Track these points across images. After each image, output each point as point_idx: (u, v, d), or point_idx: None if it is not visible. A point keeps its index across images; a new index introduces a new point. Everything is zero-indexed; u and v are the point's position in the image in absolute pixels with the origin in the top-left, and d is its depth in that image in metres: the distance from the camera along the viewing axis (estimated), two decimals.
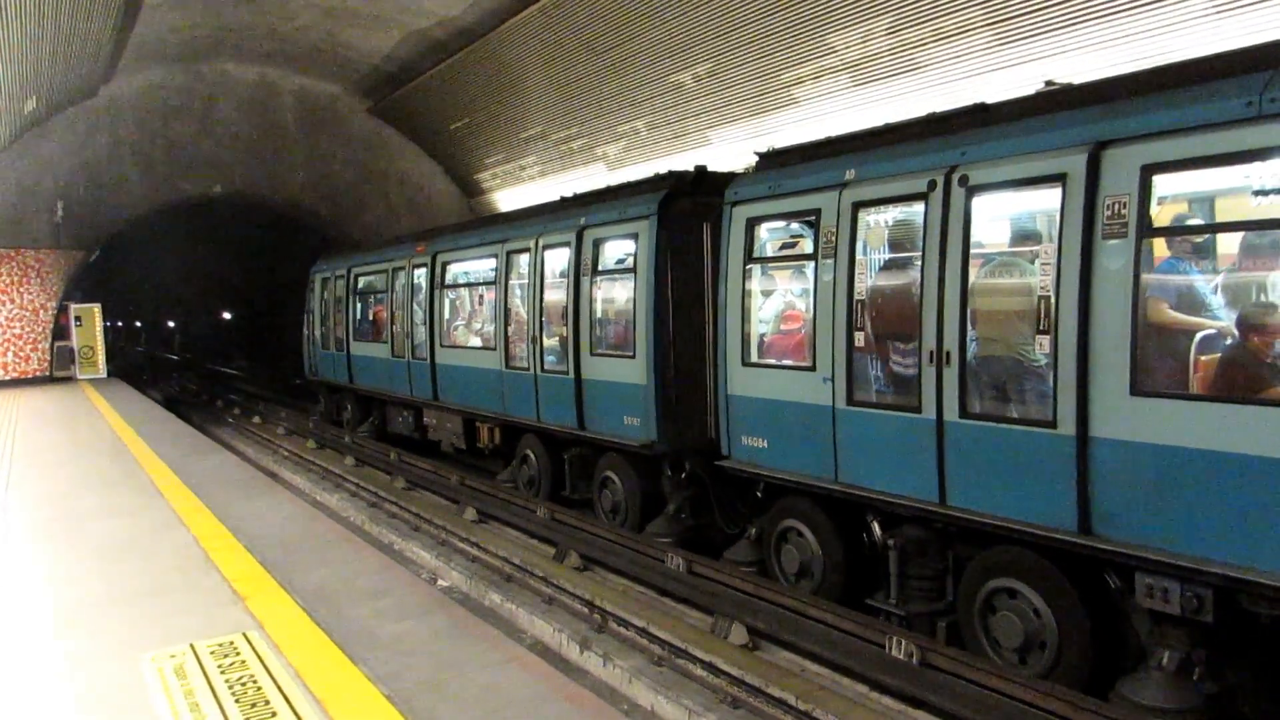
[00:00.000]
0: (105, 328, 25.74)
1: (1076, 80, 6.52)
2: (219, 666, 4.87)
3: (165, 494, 9.54)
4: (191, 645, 5.17)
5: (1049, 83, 6.57)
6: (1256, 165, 4.81)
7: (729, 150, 14.99)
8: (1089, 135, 5.38)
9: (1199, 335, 5.17)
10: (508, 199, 22.92)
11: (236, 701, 4.44)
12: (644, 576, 8.06)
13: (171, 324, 60.32)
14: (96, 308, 24.45)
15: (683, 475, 9.26)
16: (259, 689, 4.59)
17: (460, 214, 24.00)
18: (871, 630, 6.25)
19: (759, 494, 8.18)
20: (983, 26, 10.65)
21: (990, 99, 6.71)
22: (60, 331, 23.21)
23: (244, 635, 5.31)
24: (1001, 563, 6.05)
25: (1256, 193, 4.92)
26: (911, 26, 11.30)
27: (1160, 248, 5.33)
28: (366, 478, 13.63)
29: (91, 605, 6.08)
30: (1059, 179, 5.45)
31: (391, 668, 4.99)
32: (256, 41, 20.89)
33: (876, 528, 6.96)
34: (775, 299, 8.24)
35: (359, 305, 17.55)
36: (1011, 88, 9.33)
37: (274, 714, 4.32)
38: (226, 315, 52.89)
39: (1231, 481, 4.72)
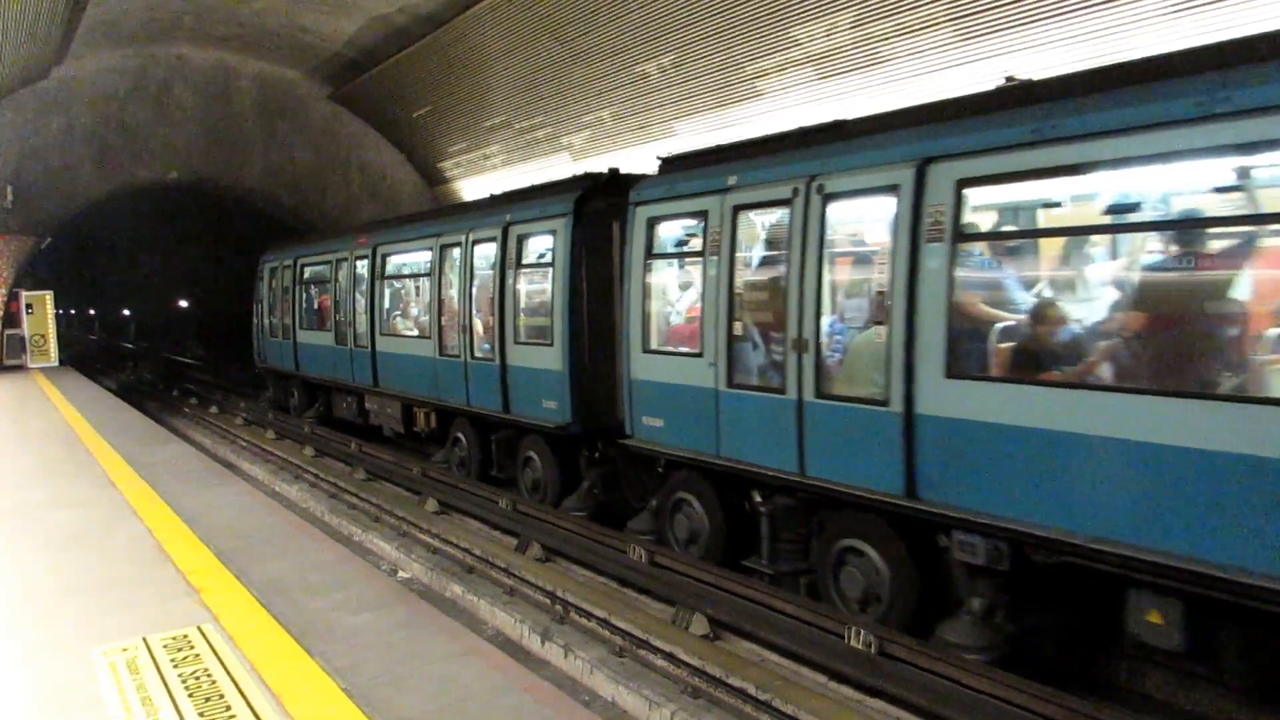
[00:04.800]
0: (57, 316, 25.21)
1: (1037, 76, 6.60)
2: (172, 660, 4.80)
3: (118, 485, 9.38)
4: (144, 639, 5.10)
5: (1009, 78, 6.64)
6: (1044, 181, 5.57)
7: (694, 142, 14.93)
8: (917, 152, 6.06)
9: (998, 325, 5.94)
10: (471, 188, 22.73)
11: (190, 696, 4.38)
12: (606, 567, 8.08)
13: (127, 312, 59.09)
14: (48, 295, 23.97)
15: (595, 454, 10.14)
16: (213, 683, 4.53)
17: (423, 203, 23.76)
18: (831, 621, 6.32)
19: (659, 469, 8.76)
20: (945, 22, 10.74)
21: (883, 109, 7.29)
22: (11, 319, 22.76)
23: (198, 628, 5.25)
24: (848, 525, 6.82)
25: (1044, 205, 5.92)
26: (875, 21, 11.37)
27: (970, 250, 6.04)
28: (326, 469, 13.48)
29: (41, 598, 5.98)
30: (894, 189, 6.16)
31: (349, 660, 4.94)
32: (214, 25, 20.46)
33: (756, 496, 7.58)
34: (671, 291, 8.86)
35: (305, 295, 17.90)
36: (972, 83, 9.44)
37: (228, 708, 4.27)
38: (183, 303, 51.90)
39: (1021, 450, 5.46)
